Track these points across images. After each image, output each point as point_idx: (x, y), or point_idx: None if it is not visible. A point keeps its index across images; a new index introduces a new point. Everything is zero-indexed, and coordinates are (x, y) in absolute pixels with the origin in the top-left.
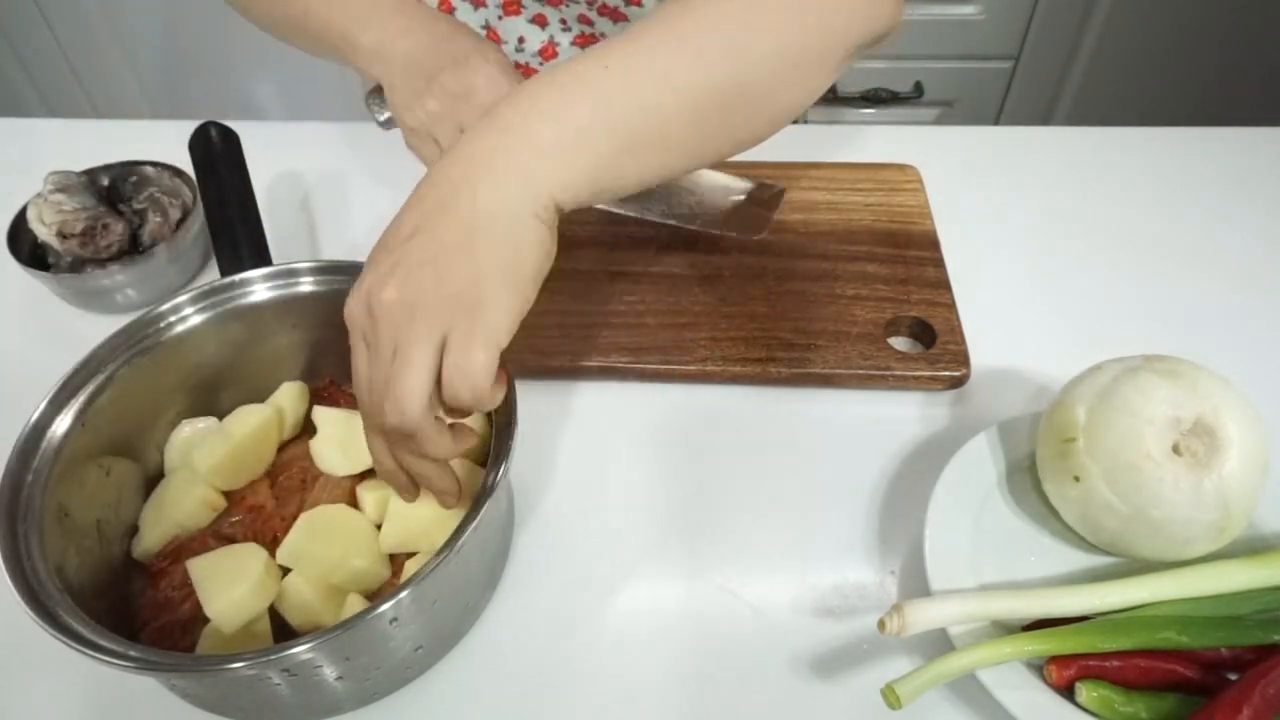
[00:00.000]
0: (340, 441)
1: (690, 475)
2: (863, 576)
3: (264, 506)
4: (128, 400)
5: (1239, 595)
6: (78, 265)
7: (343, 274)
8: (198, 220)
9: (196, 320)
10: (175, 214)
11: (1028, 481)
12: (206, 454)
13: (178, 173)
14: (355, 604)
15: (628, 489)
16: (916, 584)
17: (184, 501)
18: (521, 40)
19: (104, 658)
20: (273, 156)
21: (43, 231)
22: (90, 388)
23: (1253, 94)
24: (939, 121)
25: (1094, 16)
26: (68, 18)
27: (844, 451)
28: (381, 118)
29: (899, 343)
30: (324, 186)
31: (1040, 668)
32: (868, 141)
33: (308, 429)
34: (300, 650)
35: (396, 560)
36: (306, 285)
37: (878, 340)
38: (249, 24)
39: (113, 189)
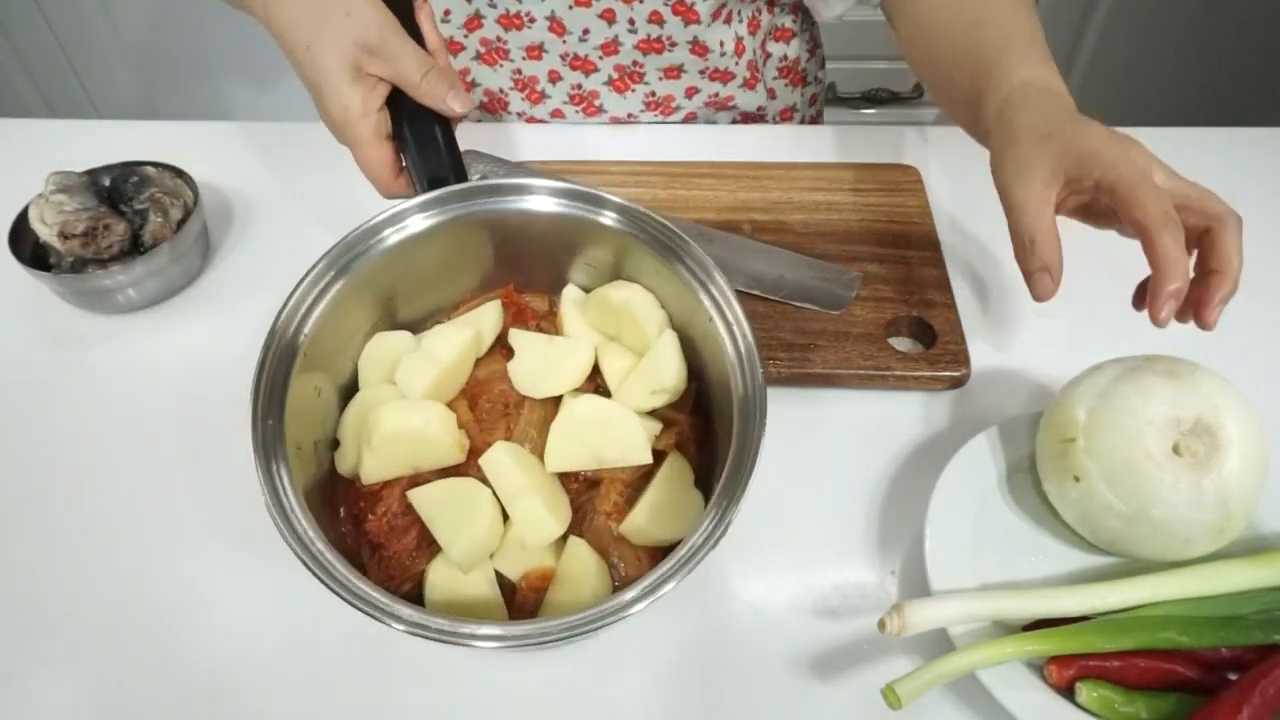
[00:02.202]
0: (539, 365)
1: None
2: (863, 576)
3: (465, 428)
4: (337, 317)
5: (1239, 595)
6: (79, 265)
7: (524, 194)
8: (199, 220)
9: (412, 231)
10: (176, 214)
11: (1028, 481)
12: (418, 379)
13: (179, 173)
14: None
15: None
16: (916, 584)
17: None
18: (586, 32)
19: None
20: (273, 156)
21: (44, 232)
22: (305, 308)
23: (1253, 94)
24: (939, 121)
25: (1094, 16)
26: (68, 18)
27: (844, 451)
28: (475, 178)
29: (899, 343)
30: (325, 186)
31: (1040, 668)
32: (868, 141)
33: (497, 345)
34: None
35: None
36: (498, 203)
37: (878, 340)
38: (250, 23)
39: (114, 189)
